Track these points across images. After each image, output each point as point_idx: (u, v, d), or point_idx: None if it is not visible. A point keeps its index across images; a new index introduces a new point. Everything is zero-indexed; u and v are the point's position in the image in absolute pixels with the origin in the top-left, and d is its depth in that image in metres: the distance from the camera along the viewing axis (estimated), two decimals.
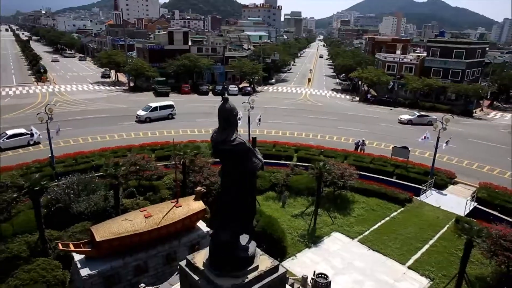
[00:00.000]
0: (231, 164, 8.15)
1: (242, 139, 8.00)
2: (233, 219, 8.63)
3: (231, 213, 8.61)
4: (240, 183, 8.27)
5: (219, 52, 72.44)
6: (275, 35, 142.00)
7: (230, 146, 7.84)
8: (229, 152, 7.94)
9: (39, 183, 14.49)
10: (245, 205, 8.61)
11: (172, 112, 42.87)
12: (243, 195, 8.44)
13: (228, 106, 8.03)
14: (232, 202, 8.40)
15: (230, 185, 8.31)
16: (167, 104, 43.02)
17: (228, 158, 8.09)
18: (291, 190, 22.92)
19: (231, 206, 8.47)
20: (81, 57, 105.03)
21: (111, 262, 13.28)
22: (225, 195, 8.46)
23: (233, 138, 7.90)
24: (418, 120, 45.52)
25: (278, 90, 69.01)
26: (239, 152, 7.90)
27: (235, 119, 8.20)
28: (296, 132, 38.30)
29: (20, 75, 72.89)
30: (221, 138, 8.01)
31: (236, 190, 8.31)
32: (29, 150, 30.21)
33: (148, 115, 41.05)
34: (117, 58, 67.43)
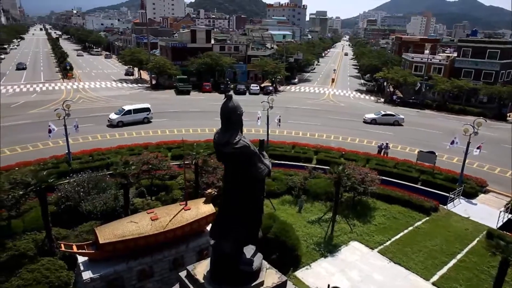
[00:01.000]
0: (234, 169, 7.35)
1: (246, 142, 7.16)
2: (236, 229, 7.81)
3: (234, 222, 7.79)
4: (244, 189, 7.45)
5: (242, 50, 71.85)
6: (300, 34, 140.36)
7: (232, 149, 7.03)
8: (231, 156, 7.13)
9: (46, 180, 14.13)
10: (249, 214, 7.77)
11: (149, 116, 38.90)
12: (247, 203, 7.61)
13: (231, 105, 7.21)
14: (235, 210, 7.60)
15: (233, 192, 7.51)
16: (142, 107, 39.04)
17: (230, 162, 7.29)
18: (309, 194, 21.90)
19: (234, 214, 7.66)
20: (107, 55, 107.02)
21: (115, 265, 12.72)
22: (227, 202, 7.67)
23: (236, 141, 7.07)
24: (383, 120, 43.16)
25: (300, 90, 67.78)
26: (243, 156, 7.08)
27: (239, 119, 7.37)
28: (317, 133, 37.13)
29: (49, 72, 74.68)
30: (223, 139, 7.21)
31: (240, 197, 7.49)
32: (49, 146, 30.41)
33: (120, 119, 37.29)
34: (140, 55, 67.99)
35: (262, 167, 7.32)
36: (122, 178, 16.22)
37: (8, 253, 14.63)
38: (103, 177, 18.36)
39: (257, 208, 7.91)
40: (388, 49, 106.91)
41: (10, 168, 24.50)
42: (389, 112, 45.25)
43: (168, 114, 43.21)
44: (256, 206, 7.85)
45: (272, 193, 21.56)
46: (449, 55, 67.16)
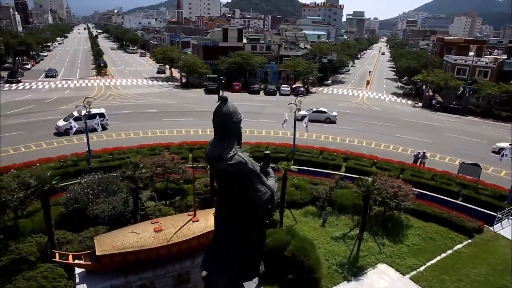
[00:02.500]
0: (229, 190, 5.90)
1: (243, 157, 5.68)
2: (232, 262, 6.33)
3: (229, 254, 6.31)
4: (242, 216, 5.97)
5: (274, 50, 70.30)
6: (335, 35, 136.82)
7: (225, 165, 5.58)
8: (224, 174, 5.69)
9: (49, 182, 13.29)
10: (248, 245, 6.27)
11: (103, 122, 33.82)
12: (245, 232, 6.12)
13: (225, 109, 5.76)
14: (230, 239, 6.14)
15: (228, 217, 6.06)
16: (95, 113, 33.47)
17: (224, 180, 5.86)
18: (335, 206, 20.03)
19: (229, 244, 6.20)
20: (142, 53, 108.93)
21: (112, 279, 11.60)
22: (222, 229, 6.23)
23: (230, 155, 5.60)
24: (313, 117, 40.65)
25: (333, 92, 65.33)
26: (238, 175, 5.61)
27: (235, 128, 5.89)
28: (348, 139, 34.96)
29: (85, 69, 76.57)
30: (214, 153, 5.78)
31: (236, 224, 6.02)
32: (73, 142, 30.30)
33: (68, 126, 30.85)
34: (172, 54, 68.11)
35: (262, 190, 5.83)
36: (131, 181, 15.20)
37: (9, 256, 13.97)
38: (114, 179, 17.41)
39: (257, 238, 6.39)
40: (428, 50, 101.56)
41: (32, 164, 24.36)
42: (321, 109, 42.90)
43: (194, 113, 42.43)
44: (256, 236, 6.33)
45: (294, 203, 19.90)
46: (497, 58, 62.28)
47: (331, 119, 41.56)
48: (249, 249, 6.24)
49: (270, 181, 6.23)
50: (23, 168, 23.64)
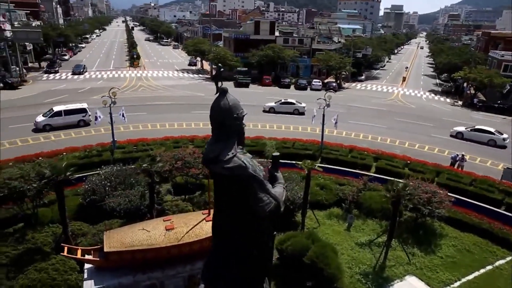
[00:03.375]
0: (226, 196, 5.07)
1: (243, 160, 4.83)
2: (230, 277, 5.51)
3: (228, 268, 5.50)
4: (242, 228, 5.13)
5: (306, 44, 68.65)
6: (371, 29, 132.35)
7: (221, 169, 4.75)
8: (221, 178, 4.86)
9: (64, 173, 13.01)
10: (248, 260, 5.43)
11: (85, 118, 32.78)
12: (247, 247, 5.27)
13: (224, 104, 4.93)
14: (229, 253, 5.32)
15: (226, 227, 5.24)
16: (76, 108, 33.01)
17: (221, 185, 5.04)
18: (362, 209, 18.77)
19: (226, 258, 5.38)
20: (175, 46, 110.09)
21: (120, 277, 11.13)
22: (217, 241, 5.42)
23: (227, 157, 4.77)
24: (281, 108, 40.16)
25: (366, 88, 62.95)
26: (236, 181, 4.77)
27: (235, 126, 5.05)
28: (379, 137, 33.21)
29: (119, 60, 78.15)
30: (210, 153, 4.95)
31: (236, 237, 5.19)
32: (100, 132, 30.54)
33: (47, 122, 31.23)
34: (203, 46, 68.02)
35: (265, 200, 4.95)
36: (147, 175, 14.74)
37: (25, 245, 13.92)
38: (133, 172, 17.04)
39: (260, 254, 5.52)
40: (472, 46, 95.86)
41: (59, 153, 24.70)
42: (289, 100, 41.59)
43: None
44: (259, 252, 5.46)
45: (318, 204, 18.83)
46: None
47: (299, 110, 40.62)
48: (251, 265, 5.40)
49: (277, 188, 5.35)
50: (51, 156, 24.06)
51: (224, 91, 5.13)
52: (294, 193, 17.25)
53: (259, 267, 5.52)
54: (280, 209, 5.25)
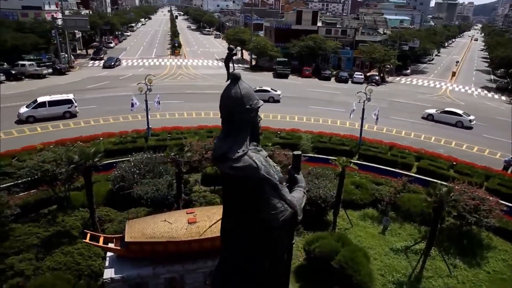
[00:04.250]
0: (234, 199, 4.43)
1: (255, 159, 4.15)
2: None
3: (238, 278, 4.88)
4: (250, 235, 4.48)
5: (350, 35, 66.04)
6: (420, 20, 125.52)
7: (228, 168, 4.11)
8: (229, 179, 4.23)
9: (91, 159, 13.00)
10: (260, 274, 4.76)
11: (71, 110, 31.23)
12: (254, 257, 4.62)
13: (235, 92, 4.27)
14: (237, 263, 4.70)
15: (233, 235, 4.62)
16: (61, 99, 31.37)
17: (229, 186, 4.41)
18: (399, 212, 17.51)
19: (236, 268, 4.77)
20: (217, 35, 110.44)
21: (140, 268, 10.94)
22: (226, 249, 4.81)
23: (237, 155, 4.12)
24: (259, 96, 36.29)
25: (412, 82, 59.68)
26: (245, 183, 4.11)
27: (247, 119, 4.35)
28: (423, 135, 31.16)
29: (161, 48, 79.48)
30: (219, 150, 4.32)
31: (243, 246, 4.55)
32: (138, 119, 30.98)
33: (31, 113, 29.71)
34: (243, 36, 67.45)
35: (279, 207, 4.25)
36: (175, 165, 14.47)
37: (55, 228, 14.17)
38: (162, 160, 16.89)
39: (274, 268, 4.83)
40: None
41: (96, 137, 25.32)
42: (263, 88, 40.09)
43: None
44: (272, 265, 4.77)
45: (352, 204, 17.82)
46: None
47: (274, 98, 39.43)
48: (261, 279, 4.74)
49: (296, 193, 4.64)
50: (89, 140, 24.71)
51: (236, 78, 4.47)
52: (327, 190, 16.38)
53: (271, 282, 4.85)
54: (297, 218, 4.53)
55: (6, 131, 27.23)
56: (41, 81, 44.48)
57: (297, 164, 4.95)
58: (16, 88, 40.74)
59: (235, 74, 4.53)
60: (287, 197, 4.41)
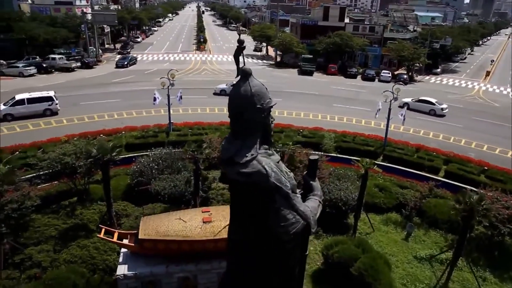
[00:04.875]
0: (242, 207, 4.07)
1: (264, 165, 3.76)
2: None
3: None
4: (259, 247, 4.10)
5: (378, 32, 64.25)
6: (453, 17, 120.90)
7: (235, 173, 3.74)
8: (236, 184, 3.86)
9: (109, 153, 12.96)
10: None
11: (51, 107, 29.74)
12: (262, 271, 4.23)
13: (244, 90, 3.89)
14: (243, 278, 4.33)
15: (239, 246, 4.25)
16: (41, 97, 29.83)
17: (236, 192, 4.04)
18: (424, 218, 16.67)
19: (243, 283, 4.39)
20: (242, 30, 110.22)
21: (153, 266, 10.79)
22: (232, 261, 4.46)
23: (245, 159, 3.75)
24: None
25: (442, 82, 57.48)
26: (253, 191, 3.73)
27: (257, 119, 3.96)
28: (452, 137, 29.80)
29: (187, 43, 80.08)
30: (226, 153, 3.96)
31: (250, 258, 4.18)
32: (160, 113, 31.14)
33: (8, 111, 28.37)
34: (268, 32, 66.90)
35: (290, 219, 3.85)
36: (193, 161, 14.26)
37: (73, 220, 14.28)
38: (181, 156, 16.76)
39: (284, 284, 4.41)
40: None
41: (119, 131, 25.60)
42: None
43: (283, 94, 40.71)
44: (281, 281, 4.36)
45: (375, 207, 17.13)
46: None
47: (226, 91, 38.15)
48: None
49: (310, 202, 4.22)
50: (112, 134, 25.00)
51: (247, 74, 4.08)
52: (348, 193, 15.78)
53: None
54: (311, 230, 4.11)
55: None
56: (70, 74, 45.65)
57: (313, 169, 4.53)
58: (46, 81, 41.96)
59: (245, 69, 4.15)
60: (299, 208, 4.00)
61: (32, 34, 47.58)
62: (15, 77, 42.92)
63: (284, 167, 4.23)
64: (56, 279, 10.14)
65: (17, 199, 12.95)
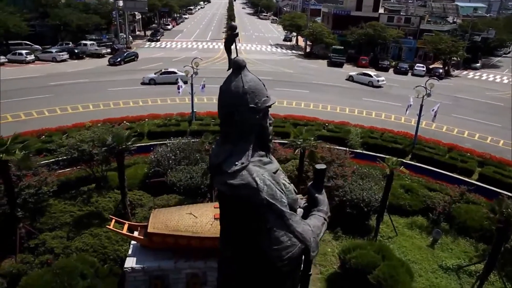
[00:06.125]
0: (231, 222, 3.51)
1: (254, 177, 3.17)
2: None
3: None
4: (251, 267, 3.53)
5: (414, 23, 61.40)
6: (498, 8, 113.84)
7: (221, 184, 3.18)
8: (224, 196, 3.31)
9: (124, 142, 12.73)
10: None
11: None
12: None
13: (236, 86, 3.35)
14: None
15: (229, 263, 3.71)
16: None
17: (224, 206, 3.49)
18: (453, 225, 15.56)
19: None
20: (273, 20, 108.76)
21: (161, 261, 10.52)
22: (223, 280, 3.92)
23: (233, 169, 3.17)
24: (162, 79, 35.64)
25: (481, 77, 54.33)
26: (241, 205, 3.16)
27: (250, 120, 3.36)
28: (490, 137, 27.92)
29: (217, 31, 79.73)
30: (215, 159, 3.39)
31: (242, 279, 3.62)
32: (185, 102, 30.98)
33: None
34: (299, 21, 65.35)
35: (284, 241, 3.22)
36: (209, 153, 13.82)
37: (88, 208, 14.25)
38: (198, 148, 16.37)
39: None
40: None
41: (142, 118, 25.62)
42: (170, 69, 36.97)
43: (311, 86, 39.73)
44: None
45: (400, 209, 16.19)
46: None
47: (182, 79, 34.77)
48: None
49: (312, 220, 3.59)
50: (135, 121, 25.07)
51: (239, 66, 3.48)
52: (372, 193, 14.94)
53: None
54: (310, 254, 3.47)
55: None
56: (99, 60, 46.37)
57: (320, 180, 3.88)
58: (76, 66, 42.86)
59: (238, 61, 3.54)
60: (296, 228, 3.36)
61: (66, 20, 48.60)
62: (49, 62, 44.08)
63: (282, 177, 3.61)
64: (64, 268, 10.03)
65: (34, 184, 13.07)
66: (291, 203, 3.52)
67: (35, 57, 44.22)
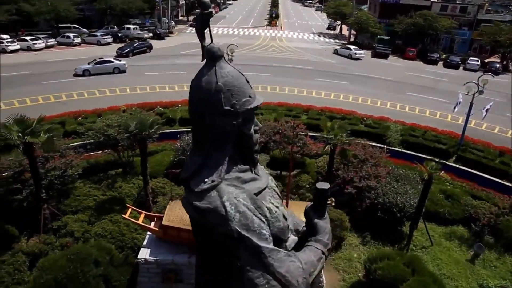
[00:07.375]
0: (204, 246, 2.84)
1: (224, 202, 2.47)
2: None
3: None
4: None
5: (470, 13, 56.77)
6: None
7: (185, 204, 2.53)
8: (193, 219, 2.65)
9: (147, 129, 12.45)
10: None
11: None
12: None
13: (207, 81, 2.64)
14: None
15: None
16: None
17: (194, 227, 2.83)
18: (500, 239, 13.96)
19: None
20: (318, 7, 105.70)
21: (175, 254, 10.18)
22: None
23: (200, 187, 2.50)
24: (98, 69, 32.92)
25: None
26: (210, 233, 2.48)
27: (226, 126, 2.63)
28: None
29: (259, 18, 78.75)
30: (184, 173, 2.72)
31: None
32: None
33: None
34: (344, 9, 62.71)
35: (259, 284, 2.46)
36: None
37: (112, 193, 14.23)
38: None
39: None
40: None
41: (175, 104, 25.56)
42: (106, 59, 34.29)
43: (351, 77, 38.02)
44: None
45: (438, 217, 14.82)
46: None
47: (120, 68, 33.97)
48: None
49: (306, 253, 2.81)
50: (168, 106, 25.06)
51: (213, 56, 2.74)
52: (407, 198, 13.73)
53: None
54: None
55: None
56: None
57: (322, 202, 3.07)
58: None
59: (212, 49, 2.79)
60: (277, 269, 2.56)
61: (111, 4, 49.75)
62: (94, 45, 45.46)
63: (268, 200, 2.85)
64: (79, 254, 9.96)
65: (61, 166, 13.20)
66: (277, 233, 2.79)
67: (82, 40, 45.77)
